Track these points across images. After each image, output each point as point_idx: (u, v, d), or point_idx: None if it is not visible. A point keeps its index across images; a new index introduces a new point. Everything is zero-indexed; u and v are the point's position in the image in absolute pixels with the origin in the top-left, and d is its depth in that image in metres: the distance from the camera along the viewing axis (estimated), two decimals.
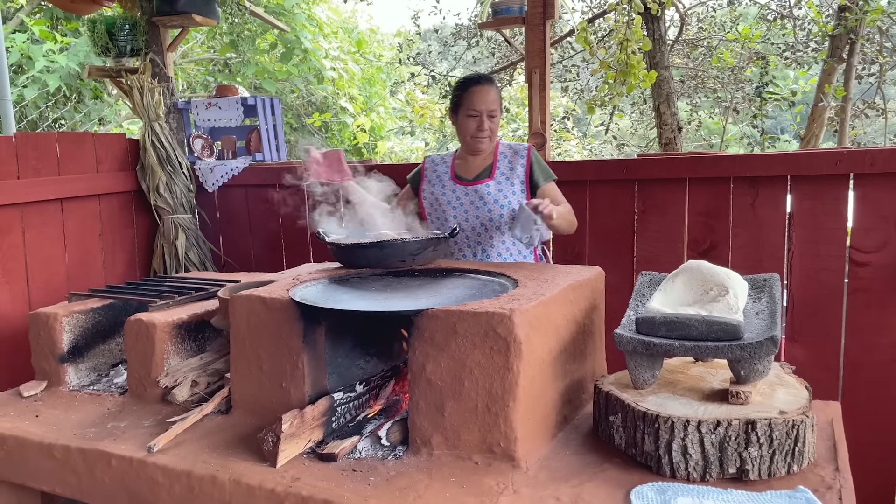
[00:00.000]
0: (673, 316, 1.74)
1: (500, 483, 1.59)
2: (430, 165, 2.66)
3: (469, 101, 2.47)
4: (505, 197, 2.50)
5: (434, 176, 2.62)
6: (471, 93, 2.47)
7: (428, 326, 1.73)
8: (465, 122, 2.49)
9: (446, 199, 2.56)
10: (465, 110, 2.49)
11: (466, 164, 2.59)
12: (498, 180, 2.52)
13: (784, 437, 1.56)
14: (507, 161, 2.55)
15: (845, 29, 4.58)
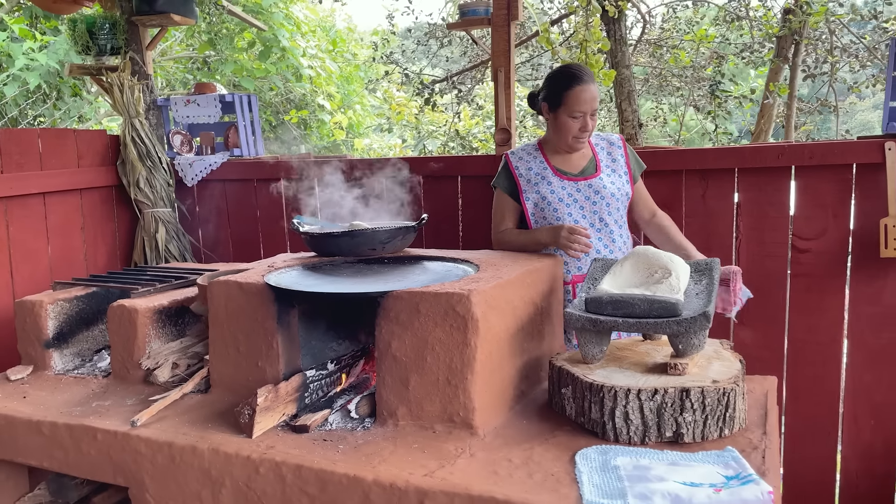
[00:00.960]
0: (618, 295, 1.89)
1: (459, 448, 1.73)
2: (519, 164, 2.49)
3: (573, 102, 2.32)
4: (619, 190, 2.43)
5: (531, 174, 2.46)
6: (576, 93, 2.31)
7: (393, 307, 1.87)
8: (567, 122, 2.35)
9: (557, 197, 2.42)
10: (566, 110, 2.34)
11: (566, 160, 2.46)
12: (607, 173, 2.44)
13: (716, 403, 1.72)
14: (605, 153, 2.48)
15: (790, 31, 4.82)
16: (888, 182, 2.42)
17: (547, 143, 2.51)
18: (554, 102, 2.38)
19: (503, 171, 2.53)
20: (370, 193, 3.02)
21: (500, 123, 3.05)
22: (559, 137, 2.42)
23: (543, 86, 2.46)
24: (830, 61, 5.19)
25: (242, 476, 1.73)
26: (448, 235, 3.24)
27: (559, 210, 2.41)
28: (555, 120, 2.39)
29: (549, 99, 2.40)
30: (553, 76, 2.41)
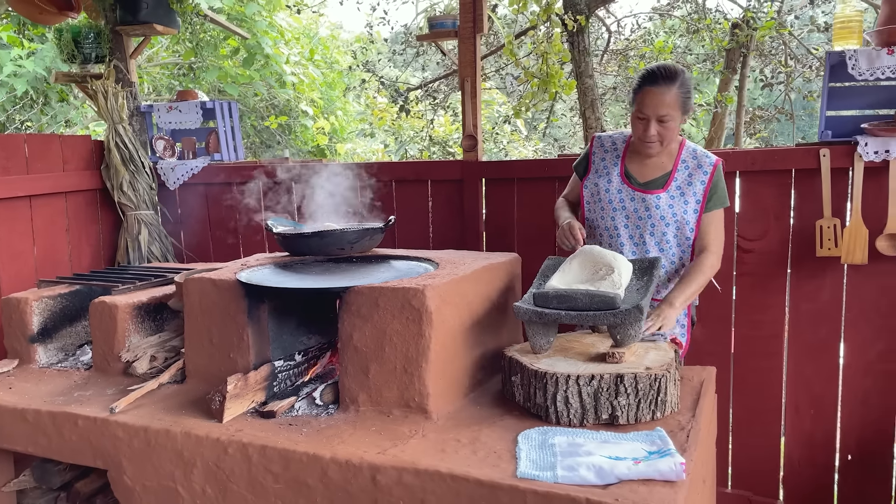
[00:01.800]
0: (563, 290, 2.05)
1: (413, 430, 1.88)
2: (598, 151, 2.43)
3: (640, 102, 2.23)
4: (674, 215, 2.30)
5: (602, 165, 2.40)
6: (644, 93, 2.21)
7: (354, 301, 2.02)
8: (634, 123, 2.27)
9: (608, 197, 2.36)
10: (635, 110, 2.27)
11: (641, 165, 2.35)
12: (671, 194, 2.30)
13: (648, 388, 1.88)
14: (686, 172, 2.30)
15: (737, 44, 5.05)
16: (823, 186, 2.59)
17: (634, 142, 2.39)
18: (632, 101, 2.31)
19: (584, 156, 2.49)
20: (344, 196, 3.16)
21: (467, 130, 3.21)
22: (634, 137, 2.32)
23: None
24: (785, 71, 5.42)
25: (212, 457, 1.87)
26: (419, 236, 3.39)
27: (605, 210, 2.38)
28: (631, 118, 2.31)
29: (631, 97, 2.33)
30: (639, 74, 2.33)
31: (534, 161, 3.25)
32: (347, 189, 3.34)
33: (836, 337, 2.71)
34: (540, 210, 3.11)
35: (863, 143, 2.52)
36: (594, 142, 2.47)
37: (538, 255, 2.83)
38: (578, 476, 1.55)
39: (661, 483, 1.52)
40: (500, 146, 7.59)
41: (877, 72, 2.50)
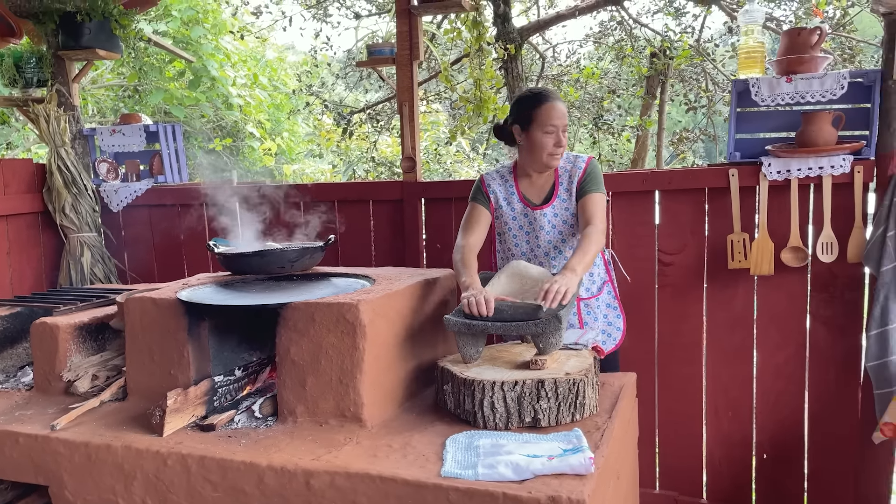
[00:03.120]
0: None
1: (347, 438, 1.98)
2: (492, 184, 2.58)
3: (545, 117, 2.37)
4: (565, 213, 2.49)
5: (501, 197, 2.56)
6: (546, 108, 2.37)
7: (291, 316, 2.12)
8: (543, 139, 2.39)
9: (517, 223, 2.55)
10: (539, 127, 2.39)
11: (532, 186, 2.54)
12: (561, 198, 2.49)
13: (567, 392, 2.02)
14: (566, 177, 2.50)
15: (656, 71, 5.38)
16: (732, 203, 2.80)
17: (520, 166, 2.56)
18: (525, 121, 2.42)
19: (478, 190, 2.59)
20: (287, 216, 3.26)
21: (406, 153, 3.35)
22: (534, 157, 2.44)
23: (512, 111, 2.53)
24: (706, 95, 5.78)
25: (152, 469, 1.94)
26: (362, 254, 3.50)
27: (518, 237, 2.56)
28: (528, 139, 2.43)
29: (521, 120, 2.44)
30: (521, 99, 2.48)
31: (470, 181, 3.40)
32: (291, 209, 3.44)
33: (750, 343, 2.91)
34: None
35: (767, 163, 2.74)
36: (484, 180, 2.61)
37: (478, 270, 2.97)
38: (497, 473, 1.67)
39: (572, 476, 1.65)
40: (444, 166, 7.78)
41: (777, 98, 2.73)
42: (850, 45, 5.14)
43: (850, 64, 5.11)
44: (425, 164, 7.27)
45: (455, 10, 3.22)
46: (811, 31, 2.70)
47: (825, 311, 2.78)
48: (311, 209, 3.44)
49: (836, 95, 2.66)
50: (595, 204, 2.45)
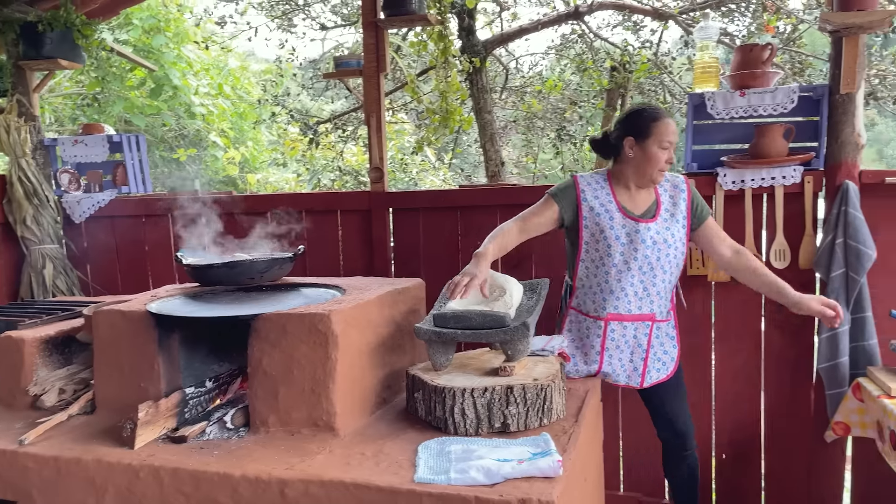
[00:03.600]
0: (460, 311, 2.23)
1: (320, 447, 2.01)
2: (586, 189, 2.48)
3: (663, 133, 2.38)
4: (672, 236, 2.45)
5: (597, 203, 2.46)
6: (665, 124, 2.39)
7: (263, 328, 2.14)
8: (657, 153, 2.39)
9: (614, 233, 2.43)
10: (656, 141, 2.38)
11: (632, 198, 2.48)
12: (663, 217, 2.46)
13: (535, 397, 2.08)
14: (668, 196, 2.49)
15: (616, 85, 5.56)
16: None
17: (617, 177, 2.50)
18: (642, 134, 2.40)
19: (569, 191, 2.49)
20: (254, 226, 3.26)
21: (374, 163, 3.39)
22: (642, 170, 2.43)
23: (626, 122, 2.48)
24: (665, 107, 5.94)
25: (124, 482, 1.94)
26: (330, 264, 3.52)
27: (612, 247, 2.43)
28: (642, 152, 2.40)
29: (637, 132, 2.42)
30: (638, 112, 2.46)
31: (437, 191, 3.45)
32: (258, 220, 3.44)
33: (708, 347, 3.01)
34: (443, 237, 3.31)
35: (722, 174, 2.85)
36: (578, 182, 2.49)
37: (441, 279, 3.01)
38: (469, 477, 1.72)
39: (541, 479, 1.71)
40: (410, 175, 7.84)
41: (731, 111, 2.85)
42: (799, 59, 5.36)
43: (800, 77, 5.33)
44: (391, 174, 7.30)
45: (421, 23, 3.28)
46: (763, 47, 2.82)
47: (779, 315, 2.90)
48: (279, 219, 3.45)
49: (787, 109, 2.78)
50: (718, 227, 2.55)
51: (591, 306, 2.51)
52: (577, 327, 2.56)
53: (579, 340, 2.55)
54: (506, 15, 6.31)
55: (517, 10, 6.26)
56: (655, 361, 2.54)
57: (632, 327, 2.49)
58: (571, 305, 2.57)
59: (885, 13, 2.52)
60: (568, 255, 2.60)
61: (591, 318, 2.52)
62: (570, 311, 2.58)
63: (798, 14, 5.20)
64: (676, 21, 5.37)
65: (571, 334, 2.56)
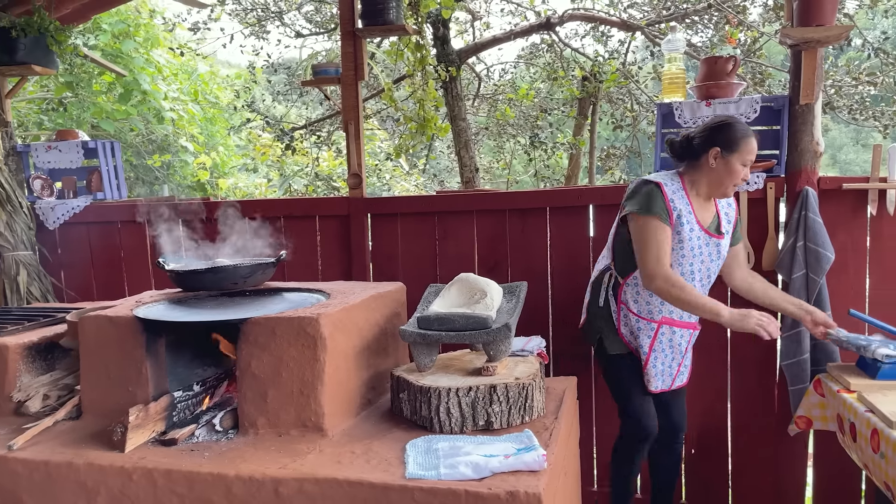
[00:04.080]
0: (443, 314, 2.31)
1: (310, 447, 2.06)
2: (673, 197, 2.44)
3: (749, 150, 2.42)
4: (724, 252, 2.55)
5: (682, 211, 2.45)
6: (752, 143, 2.42)
7: (252, 331, 2.18)
8: (738, 169, 2.42)
9: (691, 244, 2.45)
10: (740, 157, 2.41)
11: (701, 207, 2.50)
12: (726, 232, 2.55)
13: (517, 396, 2.16)
14: (724, 212, 2.57)
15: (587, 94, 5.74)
16: None
17: (691, 183, 2.50)
18: (730, 148, 2.42)
19: (659, 201, 2.41)
20: (233, 232, 3.29)
21: (352, 169, 3.44)
22: (719, 182, 2.45)
23: (715, 132, 2.46)
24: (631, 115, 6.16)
25: (117, 484, 1.97)
26: (308, 269, 3.56)
27: (686, 258, 2.45)
28: (725, 165, 2.42)
29: (725, 144, 2.42)
30: (729, 125, 2.46)
31: (415, 197, 3.52)
32: (237, 225, 3.47)
33: None
34: (421, 242, 3.38)
35: None
36: (665, 192, 2.43)
37: (420, 283, 3.09)
38: (458, 472, 1.79)
39: (527, 473, 1.79)
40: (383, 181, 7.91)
41: (698, 120, 2.97)
42: (760, 70, 5.59)
43: (761, 87, 5.55)
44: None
45: (399, 33, 3.35)
46: (727, 59, 2.96)
47: None
48: (258, 225, 3.48)
49: (750, 118, 2.92)
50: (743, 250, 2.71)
51: (645, 308, 2.52)
52: (626, 321, 2.56)
53: (630, 335, 2.57)
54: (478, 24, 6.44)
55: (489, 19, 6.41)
56: (684, 368, 2.66)
57: (679, 333, 2.57)
58: (622, 301, 2.56)
59: (841, 28, 2.67)
60: (623, 251, 2.54)
61: (644, 319, 2.53)
62: (621, 306, 2.56)
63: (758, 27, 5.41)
64: (643, 32, 5.55)
65: (627, 329, 2.57)
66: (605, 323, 2.59)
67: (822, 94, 2.90)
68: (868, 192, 2.84)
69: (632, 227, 2.45)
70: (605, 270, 2.63)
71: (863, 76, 5.62)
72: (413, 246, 3.42)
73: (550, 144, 6.43)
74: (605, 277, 2.62)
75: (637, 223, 2.43)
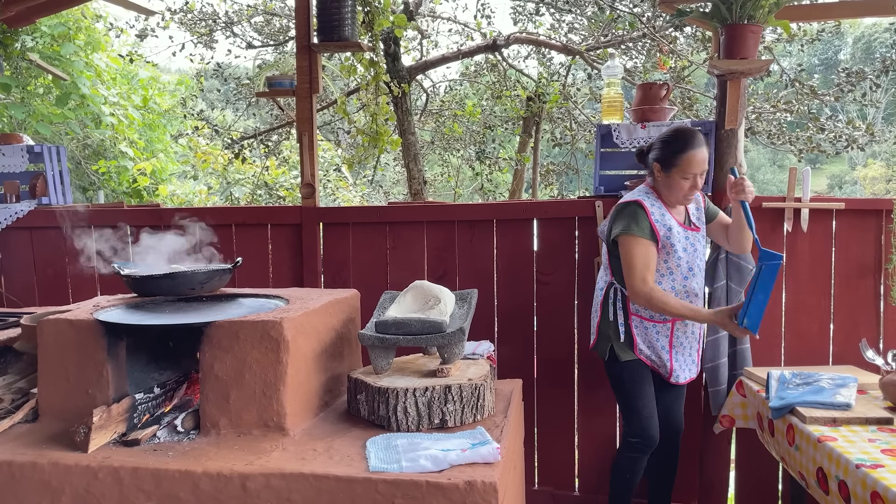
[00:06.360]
0: (400, 318, 2.43)
1: (273, 445, 2.15)
2: (652, 209, 2.61)
3: (686, 166, 2.52)
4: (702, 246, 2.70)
5: (662, 219, 2.61)
6: (689, 157, 2.52)
7: (216, 334, 2.25)
8: (680, 183, 2.55)
9: (681, 246, 2.62)
10: (679, 172, 2.54)
11: (676, 211, 2.68)
12: (700, 225, 2.72)
13: (470, 396, 2.30)
14: (694, 207, 2.72)
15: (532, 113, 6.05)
16: (598, 230, 3.23)
17: (659, 192, 2.66)
18: (668, 164, 2.56)
19: (642, 220, 2.57)
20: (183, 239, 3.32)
21: (306, 179, 3.53)
22: (668, 193, 2.62)
23: (658, 147, 2.62)
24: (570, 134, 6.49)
25: (82, 483, 2.00)
26: (259, 276, 3.62)
27: (681, 257, 2.61)
28: (667, 180, 2.58)
29: (663, 161, 2.57)
30: (668, 141, 2.59)
31: (367, 207, 3.64)
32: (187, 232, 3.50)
33: None
34: (372, 251, 3.50)
35: (626, 196, 3.20)
36: (648, 211, 2.59)
37: (371, 290, 3.21)
38: (419, 465, 1.92)
39: (483, 465, 1.93)
40: (328, 191, 7.97)
41: (634, 141, 3.21)
42: (688, 95, 5.97)
43: (689, 111, 5.93)
44: None
45: (353, 49, 3.47)
46: (660, 86, 3.21)
47: None
48: (209, 232, 3.52)
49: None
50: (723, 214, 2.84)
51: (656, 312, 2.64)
52: (643, 331, 2.69)
53: (649, 342, 2.70)
54: (426, 42, 6.64)
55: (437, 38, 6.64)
56: (701, 353, 2.86)
57: (692, 325, 2.74)
58: (633, 312, 2.68)
59: (762, 62, 2.95)
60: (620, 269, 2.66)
61: (658, 322, 2.67)
62: (632, 317, 2.69)
63: (686, 55, 5.79)
64: (583, 57, 5.85)
65: (641, 338, 2.70)
66: (614, 333, 2.73)
67: (745, 119, 3.18)
68: (785, 210, 3.12)
69: (620, 247, 2.63)
70: (609, 287, 2.76)
71: (780, 104, 6.07)
72: (365, 254, 3.53)
73: (494, 159, 6.68)
74: (610, 293, 2.76)
75: (623, 243, 2.61)
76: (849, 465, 1.96)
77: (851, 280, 3.14)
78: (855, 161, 28.05)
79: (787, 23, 3.10)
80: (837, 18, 5.26)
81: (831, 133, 6.21)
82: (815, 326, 3.16)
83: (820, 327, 3.16)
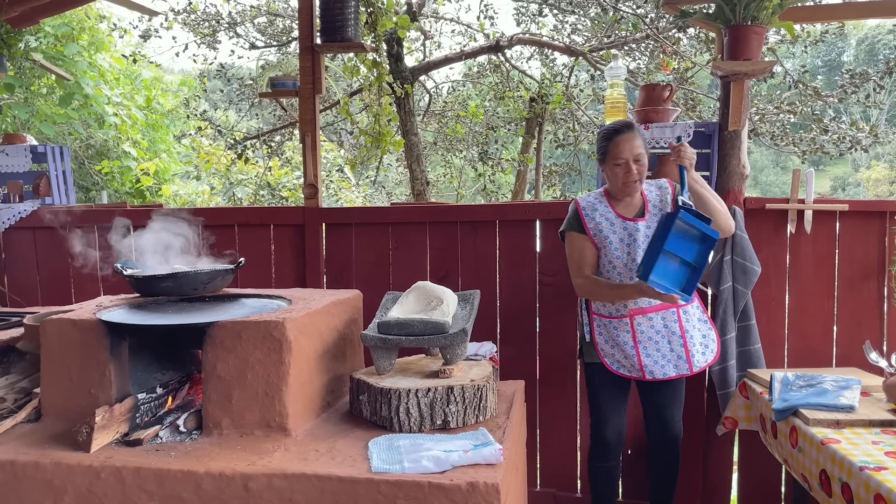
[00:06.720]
0: (403, 319, 2.43)
1: (275, 446, 2.14)
2: (587, 207, 2.72)
3: (615, 152, 2.59)
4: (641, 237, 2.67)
5: (597, 215, 2.69)
6: (615, 143, 2.59)
7: (219, 334, 2.25)
8: (614, 171, 2.61)
9: (617, 237, 2.66)
10: (611, 160, 2.61)
11: (626, 205, 2.70)
12: (652, 213, 2.68)
13: (472, 396, 2.30)
14: (656, 196, 2.71)
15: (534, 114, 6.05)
16: None
17: (610, 191, 2.75)
18: (602, 157, 2.68)
19: (573, 217, 2.74)
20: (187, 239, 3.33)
21: (308, 180, 3.54)
22: (613, 186, 2.69)
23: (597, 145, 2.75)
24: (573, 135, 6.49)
25: (84, 483, 2.00)
26: (262, 276, 3.62)
27: (618, 248, 2.66)
28: (607, 173, 2.68)
29: (599, 156, 2.70)
30: (599, 135, 2.71)
31: (370, 208, 3.64)
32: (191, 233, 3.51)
33: None
34: (374, 251, 3.50)
35: None
36: (581, 210, 2.72)
37: (374, 291, 3.21)
38: (421, 466, 1.92)
39: (485, 466, 1.93)
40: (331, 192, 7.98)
41: None
42: (692, 96, 5.96)
43: (692, 112, 5.92)
44: None
45: (356, 50, 3.47)
46: (664, 87, 3.20)
47: None
48: (212, 232, 3.53)
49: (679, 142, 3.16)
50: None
51: (612, 308, 2.69)
52: (606, 330, 2.72)
53: (612, 341, 2.71)
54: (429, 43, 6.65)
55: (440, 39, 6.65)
56: (697, 345, 2.69)
57: (658, 317, 2.66)
58: (594, 312, 2.74)
59: (766, 64, 2.95)
60: None
61: (616, 318, 2.69)
62: (594, 316, 2.74)
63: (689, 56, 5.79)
64: (586, 58, 5.85)
65: (603, 337, 2.73)
66: (580, 334, 2.82)
67: (748, 121, 3.17)
68: (788, 212, 3.12)
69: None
70: None
71: (784, 105, 6.06)
72: (367, 255, 3.53)
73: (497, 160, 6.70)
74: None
75: (565, 242, 2.80)
76: (852, 468, 1.95)
77: (855, 282, 3.13)
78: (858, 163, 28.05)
79: (790, 24, 3.10)
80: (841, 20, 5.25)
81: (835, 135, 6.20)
82: (818, 328, 3.16)
83: (823, 329, 3.16)
